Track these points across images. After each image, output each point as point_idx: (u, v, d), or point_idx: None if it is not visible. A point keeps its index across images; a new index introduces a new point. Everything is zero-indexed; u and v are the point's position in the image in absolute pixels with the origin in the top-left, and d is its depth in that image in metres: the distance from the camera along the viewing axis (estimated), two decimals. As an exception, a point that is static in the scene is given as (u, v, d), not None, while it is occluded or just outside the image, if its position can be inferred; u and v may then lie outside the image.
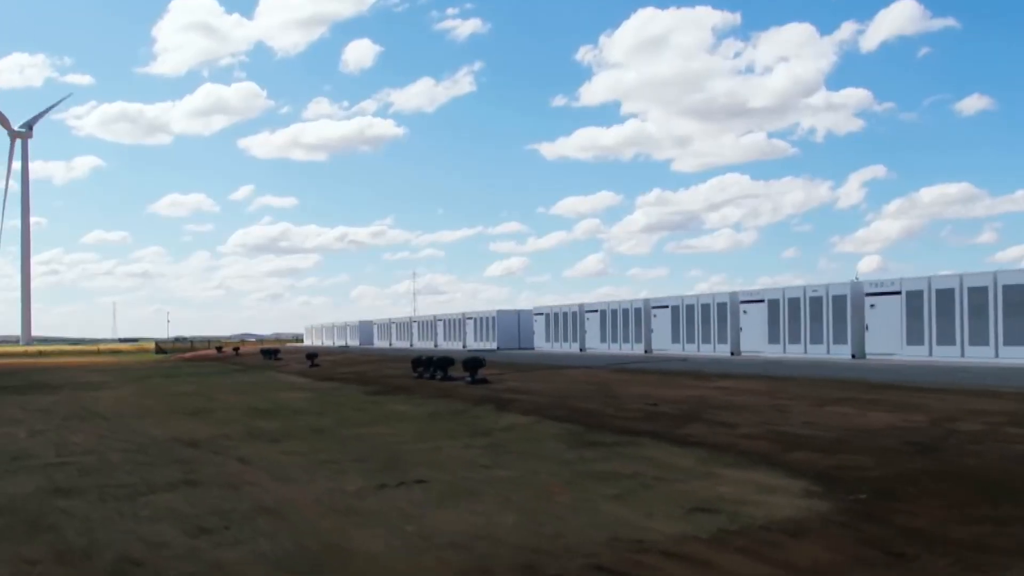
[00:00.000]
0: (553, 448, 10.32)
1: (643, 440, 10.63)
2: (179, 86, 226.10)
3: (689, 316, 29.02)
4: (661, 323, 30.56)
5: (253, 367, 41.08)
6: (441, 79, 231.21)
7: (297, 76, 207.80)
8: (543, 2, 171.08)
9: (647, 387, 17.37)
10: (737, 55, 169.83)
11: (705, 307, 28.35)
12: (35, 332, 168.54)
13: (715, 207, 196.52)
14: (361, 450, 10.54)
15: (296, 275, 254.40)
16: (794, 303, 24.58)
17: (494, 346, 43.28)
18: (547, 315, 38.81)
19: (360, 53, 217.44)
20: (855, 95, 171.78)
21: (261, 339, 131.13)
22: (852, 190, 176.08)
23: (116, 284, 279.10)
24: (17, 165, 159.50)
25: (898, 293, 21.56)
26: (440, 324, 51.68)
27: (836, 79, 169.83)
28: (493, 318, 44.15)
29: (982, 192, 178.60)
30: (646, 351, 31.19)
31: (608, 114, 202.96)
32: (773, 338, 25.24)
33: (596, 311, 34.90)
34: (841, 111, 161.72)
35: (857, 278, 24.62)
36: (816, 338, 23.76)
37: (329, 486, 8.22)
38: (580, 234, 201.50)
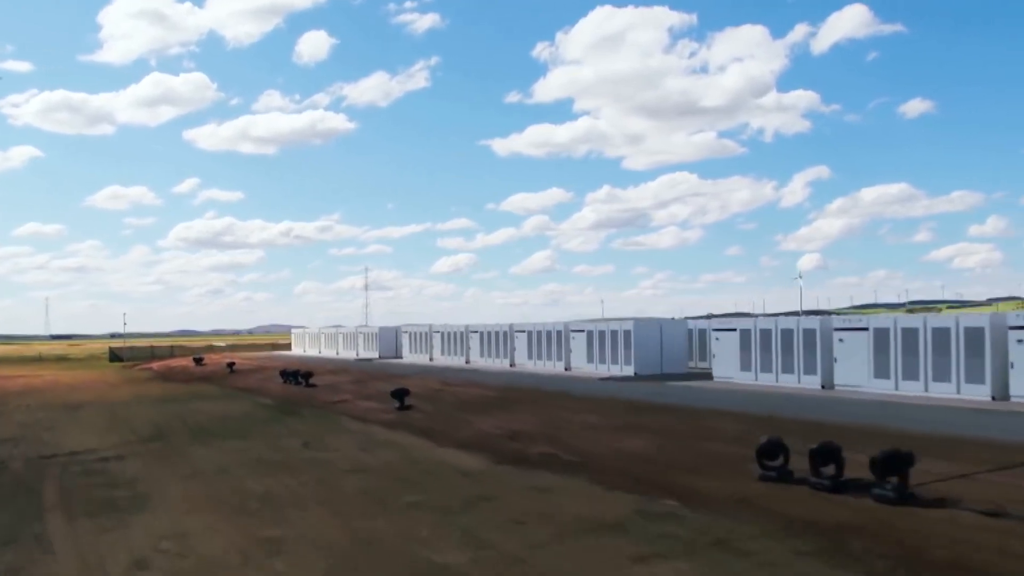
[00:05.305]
0: None
1: None
2: (125, 75, 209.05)
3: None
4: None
5: (294, 402, 28.00)
6: (396, 73, 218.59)
7: (249, 67, 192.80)
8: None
9: None
10: (692, 55, 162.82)
11: None
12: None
13: (663, 204, 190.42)
14: None
15: (238, 270, 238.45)
16: None
17: (629, 371, 30.89)
18: (743, 331, 26.50)
19: (314, 45, 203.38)
20: (804, 97, 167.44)
21: (248, 340, 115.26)
22: (796, 189, 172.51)
23: (50, 278, 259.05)
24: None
25: None
26: (522, 337, 38.78)
27: (787, 80, 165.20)
28: (628, 331, 31.61)
29: (920, 192, 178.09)
30: (994, 397, 19.25)
31: (561, 111, 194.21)
32: None
33: (860, 328, 22.76)
34: (790, 112, 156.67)
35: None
36: None
37: None
38: (529, 231, 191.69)
